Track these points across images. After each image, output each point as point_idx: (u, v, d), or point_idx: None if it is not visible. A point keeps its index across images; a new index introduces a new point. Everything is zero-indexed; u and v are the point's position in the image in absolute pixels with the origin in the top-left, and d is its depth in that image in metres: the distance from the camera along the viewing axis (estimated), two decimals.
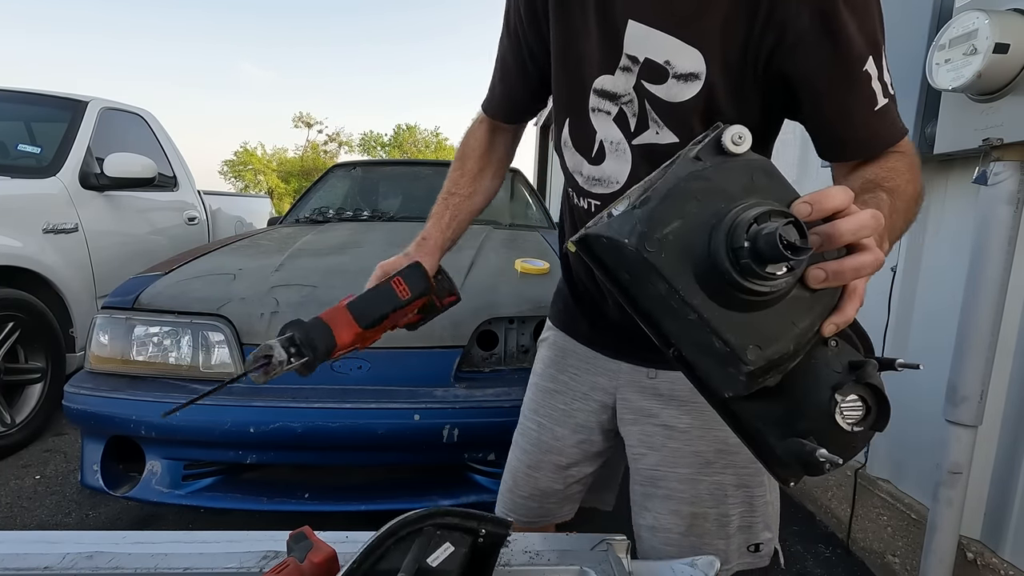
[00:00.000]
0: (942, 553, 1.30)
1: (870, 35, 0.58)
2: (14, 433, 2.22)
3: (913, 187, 0.57)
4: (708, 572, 0.59)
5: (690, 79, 0.62)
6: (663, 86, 0.64)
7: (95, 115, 2.95)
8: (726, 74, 0.61)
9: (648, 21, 0.63)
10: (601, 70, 0.68)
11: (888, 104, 0.60)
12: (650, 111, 0.66)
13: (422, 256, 0.82)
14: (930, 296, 1.54)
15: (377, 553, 0.48)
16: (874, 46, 0.58)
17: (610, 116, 0.69)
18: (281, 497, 1.45)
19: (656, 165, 0.59)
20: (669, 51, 0.62)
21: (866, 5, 0.57)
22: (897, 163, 0.59)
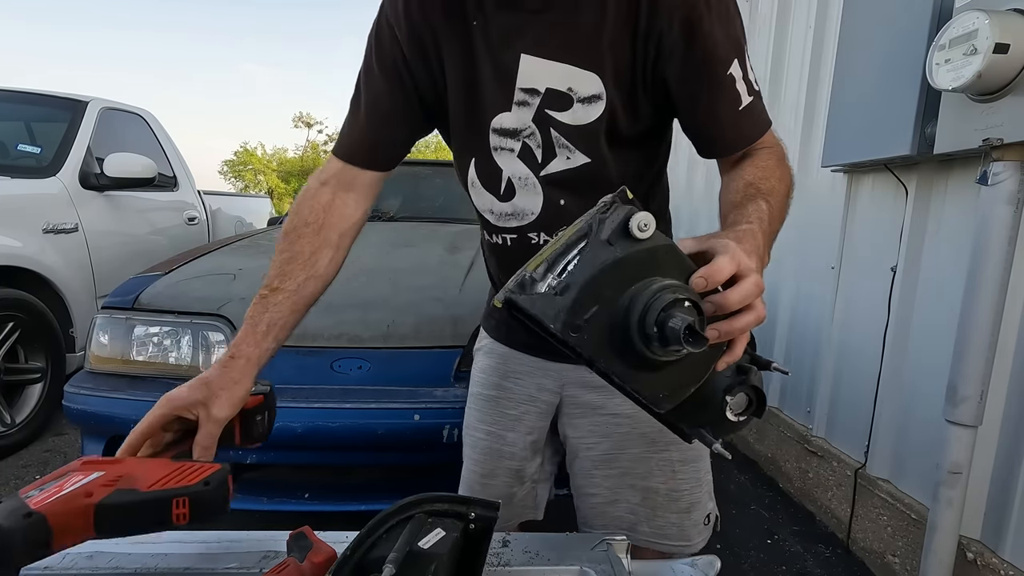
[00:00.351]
0: (942, 553, 1.30)
1: (733, 39, 0.63)
2: (14, 433, 2.22)
3: (784, 184, 0.65)
4: (708, 572, 0.59)
5: (593, 101, 0.66)
6: (569, 112, 0.67)
7: (95, 115, 2.95)
8: (621, 91, 0.66)
9: (542, 53, 0.65)
10: (498, 108, 0.68)
11: (753, 102, 0.65)
12: (557, 138, 0.68)
13: (227, 387, 0.62)
14: (930, 296, 1.54)
15: (368, 542, 0.48)
16: (737, 49, 0.63)
17: (514, 153, 0.70)
18: (281, 497, 1.45)
19: (569, 190, 0.71)
20: (569, 78, 0.65)
21: (727, 11, 0.62)
22: (768, 161, 0.66)
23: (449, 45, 0.69)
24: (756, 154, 0.67)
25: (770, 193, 0.61)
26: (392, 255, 2.00)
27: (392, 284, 1.69)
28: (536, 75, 0.66)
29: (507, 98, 0.68)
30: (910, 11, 1.43)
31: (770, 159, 0.66)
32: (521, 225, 0.75)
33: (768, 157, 0.66)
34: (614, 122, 0.67)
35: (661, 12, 0.61)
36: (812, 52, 2.09)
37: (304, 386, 1.43)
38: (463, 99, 0.71)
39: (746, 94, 0.65)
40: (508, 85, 0.67)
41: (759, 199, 0.60)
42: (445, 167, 4.39)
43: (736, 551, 1.77)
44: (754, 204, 0.59)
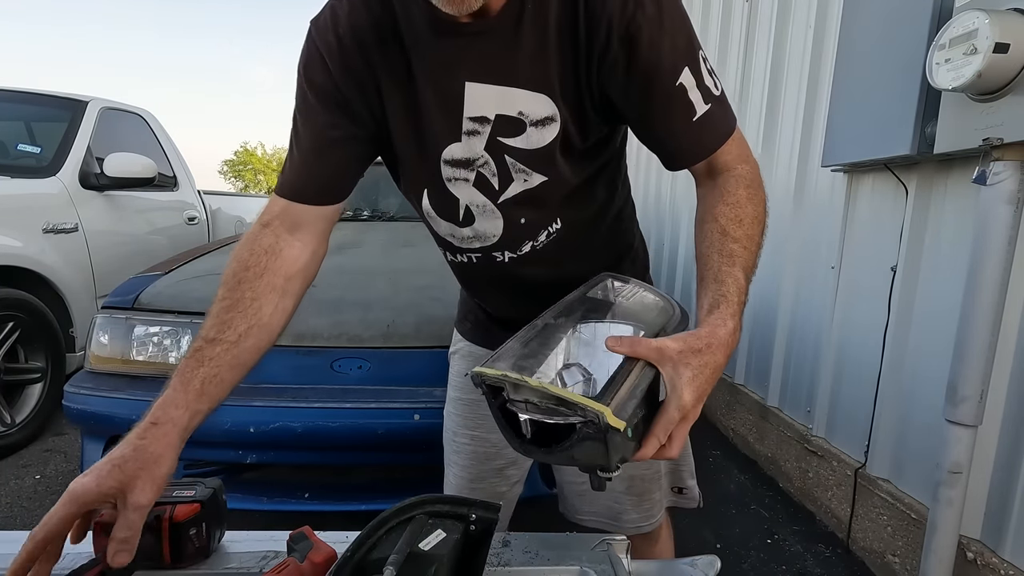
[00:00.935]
0: (942, 553, 1.30)
1: (681, 48, 0.60)
2: (14, 433, 2.23)
3: (757, 218, 0.62)
4: (708, 572, 0.59)
5: (547, 123, 0.64)
6: (522, 136, 0.65)
7: (95, 115, 2.95)
8: (572, 110, 0.64)
9: (489, 80, 0.62)
10: (447, 139, 0.66)
11: (709, 110, 0.63)
12: (513, 163, 0.67)
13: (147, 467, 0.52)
14: (930, 296, 1.54)
15: (369, 543, 0.48)
16: (687, 56, 0.61)
17: (469, 182, 0.68)
18: (281, 497, 1.45)
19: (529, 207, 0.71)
20: (519, 103, 0.63)
21: (672, 20, 0.60)
22: (738, 192, 0.63)
23: (387, 75, 0.65)
24: (725, 181, 0.64)
25: (742, 240, 0.60)
26: (392, 255, 2.00)
27: (392, 284, 1.69)
28: (484, 102, 0.63)
29: (455, 128, 0.65)
30: (910, 11, 1.43)
31: (739, 188, 0.63)
32: (484, 246, 0.74)
33: (737, 186, 0.63)
34: (568, 140, 0.66)
35: (600, 30, 0.59)
36: (812, 52, 2.09)
37: (304, 386, 1.43)
38: (409, 131, 0.67)
39: (701, 103, 0.62)
40: (455, 115, 0.64)
41: (734, 260, 0.58)
42: None
43: (736, 551, 1.77)
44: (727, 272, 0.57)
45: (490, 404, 0.52)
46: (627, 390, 0.47)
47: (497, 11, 0.60)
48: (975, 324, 1.22)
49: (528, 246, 0.74)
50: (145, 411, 0.56)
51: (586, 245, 0.78)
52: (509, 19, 0.60)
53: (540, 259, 0.75)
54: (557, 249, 0.75)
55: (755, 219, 0.62)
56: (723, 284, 0.56)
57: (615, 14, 0.58)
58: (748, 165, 0.66)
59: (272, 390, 1.42)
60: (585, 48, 0.61)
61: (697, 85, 0.61)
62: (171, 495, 0.57)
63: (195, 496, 0.57)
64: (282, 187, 0.70)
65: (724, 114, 0.65)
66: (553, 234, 0.74)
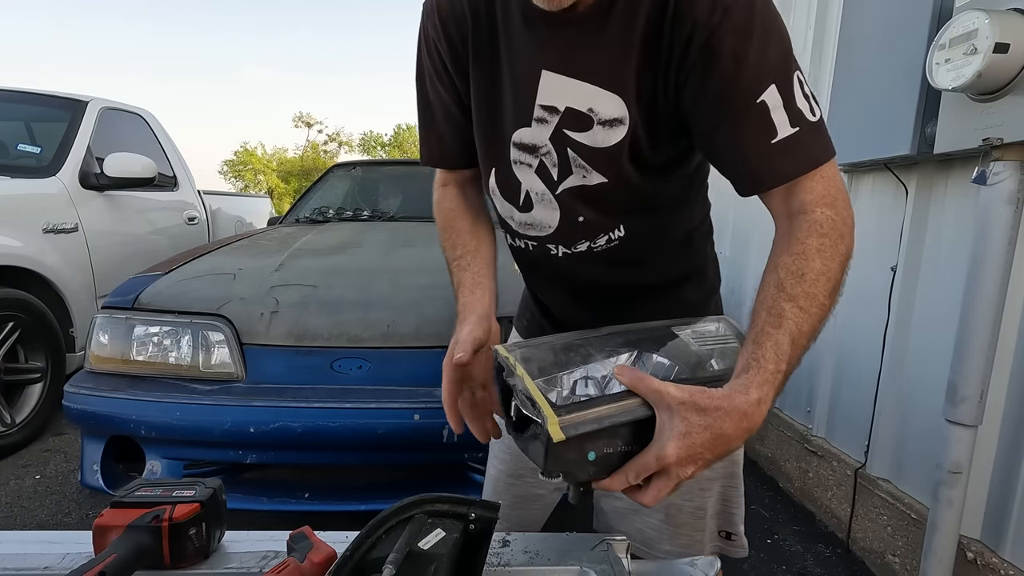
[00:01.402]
0: (942, 553, 1.30)
1: (770, 63, 0.55)
2: (14, 433, 2.23)
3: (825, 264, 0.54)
4: (708, 572, 0.59)
5: (615, 124, 0.63)
6: (588, 133, 0.64)
7: (95, 115, 2.95)
8: (644, 116, 0.62)
9: (564, 71, 0.62)
10: (518, 123, 0.67)
11: (796, 135, 0.56)
12: (574, 158, 0.66)
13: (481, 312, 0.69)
14: (930, 296, 1.54)
15: (368, 543, 0.48)
16: (777, 73, 0.55)
17: (532, 168, 0.69)
18: (281, 497, 1.45)
19: (591, 208, 0.69)
20: (590, 99, 0.62)
21: (764, 31, 0.55)
22: (808, 239, 0.55)
23: (475, 53, 0.68)
24: (798, 226, 0.57)
25: (799, 298, 0.52)
26: (392, 255, 2.00)
27: (392, 284, 1.69)
28: (556, 93, 0.63)
29: (527, 113, 0.66)
30: (910, 11, 1.43)
31: (809, 236, 0.55)
32: (540, 236, 0.75)
33: (808, 234, 0.55)
34: (636, 146, 0.63)
35: (683, 33, 0.56)
36: (812, 52, 2.10)
37: (304, 386, 1.43)
38: (485, 110, 0.70)
39: (786, 125, 0.55)
40: (528, 100, 0.65)
41: (781, 321, 0.52)
42: None
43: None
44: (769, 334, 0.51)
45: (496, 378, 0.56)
46: (595, 415, 0.48)
47: (588, 4, 0.59)
48: (975, 324, 1.22)
49: (584, 245, 0.73)
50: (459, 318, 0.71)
51: (648, 258, 0.76)
52: (598, 13, 0.59)
53: (597, 260, 0.74)
54: (616, 255, 0.73)
55: (822, 275, 0.53)
56: (760, 347, 0.51)
57: (700, 17, 0.55)
58: (833, 211, 0.57)
59: (272, 390, 1.42)
60: (667, 51, 0.58)
61: (784, 105, 0.55)
62: (171, 495, 0.57)
63: (195, 496, 0.57)
64: (430, 160, 0.80)
65: (814, 143, 0.57)
66: (615, 241, 0.72)
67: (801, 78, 0.57)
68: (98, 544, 0.53)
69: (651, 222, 0.73)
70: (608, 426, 0.48)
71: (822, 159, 0.57)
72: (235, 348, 1.49)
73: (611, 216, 0.71)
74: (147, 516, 0.53)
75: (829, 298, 0.54)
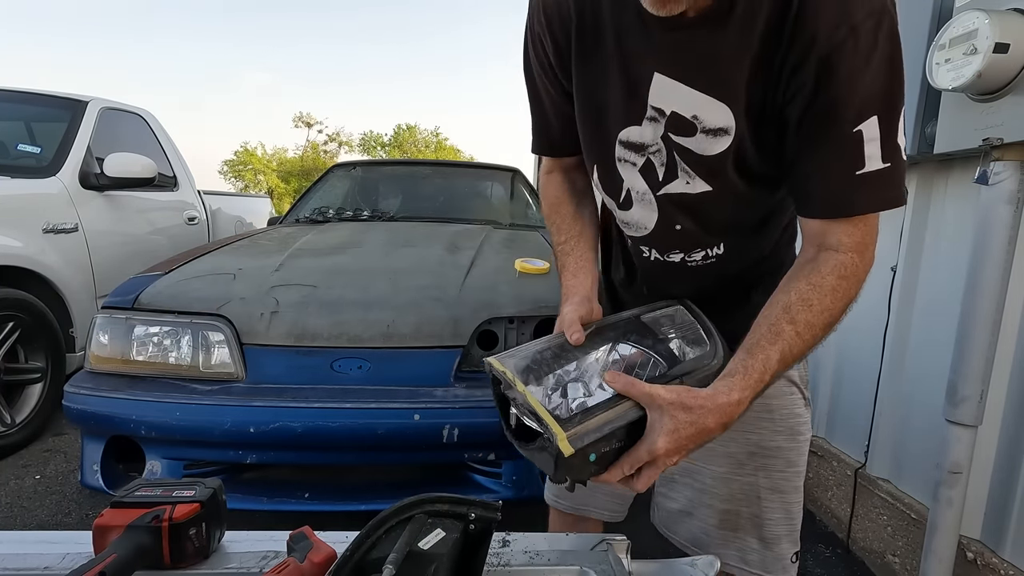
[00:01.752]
0: (942, 553, 1.30)
1: (878, 94, 0.54)
2: (14, 433, 2.22)
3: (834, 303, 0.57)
4: (708, 572, 0.59)
5: (720, 134, 0.62)
6: (692, 139, 0.63)
7: (95, 115, 2.95)
8: (753, 126, 0.61)
9: (675, 75, 0.62)
10: (627, 121, 0.67)
11: (885, 171, 0.55)
12: (679, 162, 0.66)
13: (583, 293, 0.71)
14: (930, 296, 1.54)
15: (368, 543, 0.48)
16: (885, 108, 0.54)
17: (636, 167, 0.69)
18: (281, 497, 1.45)
19: (685, 214, 0.70)
20: (697, 106, 0.61)
21: (883, 61, 0.53)
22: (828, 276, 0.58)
23: (580, 51, 0.68)
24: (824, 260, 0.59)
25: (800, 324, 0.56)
26: (392, 255, 2.00)
27: (392, 284, 1.69)
28: (664, 95, 0.63)
29: (637, 113, 0.66)
30: (910, 11, 1.43)
31: (831, 275, 0.58)
32: (635, 236, 0.76)
33: (831, 271, 0.58)
34: (742, 157, 0.63)
35: (801, 41, 0.54)
36: None
37: (304, 386, 1.43)
38: (591, 107, 0.70)
39: (878, 160, 0.55)
40: (640, 99, 0.65)
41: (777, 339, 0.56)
42: (445, 167, 4.40)
43: None
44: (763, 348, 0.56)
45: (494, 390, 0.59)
46: (597, 423, 0.52)
47: (704, 8, 0.57)
48: (975, 324, 1.22)
49: (678, 256, 0.74)
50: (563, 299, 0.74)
51: (741, 273, 0.76)
52: (715, 18, 0.57)
53: (688, 273, 0.75)
54: (710, 272, 0.74)
55: (826, 311, 0.57)
56: (752, 357, 0.56)
57: (824, 29, 0.53)
58: (860, 258, 0.59)
59: (272, 390, 1.42)
60: (781, 58, 0.56)
61: (881, 140, 0.55)
62: (171, 495, 0.57)
63: (195, 496, 0.58)
64: (541, 148, 0.83)
65: (893, 185, 0.57)
66: (712, 258, 0.73)
67: (903, 117, 0.56)
68: (98, 544, 0.53)
69: (754, 242, 0.73)
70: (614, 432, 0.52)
71: (882, 205, 0.58)
72: (235, 348, 1.49)
73: (712, 232, 0.71)
74: (147, 516, 0.53)
75: (824, 332, 0.58)
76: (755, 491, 0.78)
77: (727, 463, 0.79)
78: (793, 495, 0.79)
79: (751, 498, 0.78)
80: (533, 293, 1.65)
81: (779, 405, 0.77)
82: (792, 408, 0.78)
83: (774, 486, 0.78)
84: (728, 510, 0.79)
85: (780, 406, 0.77)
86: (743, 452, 0.78)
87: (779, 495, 0.78)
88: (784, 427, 0.77)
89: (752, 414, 0.72)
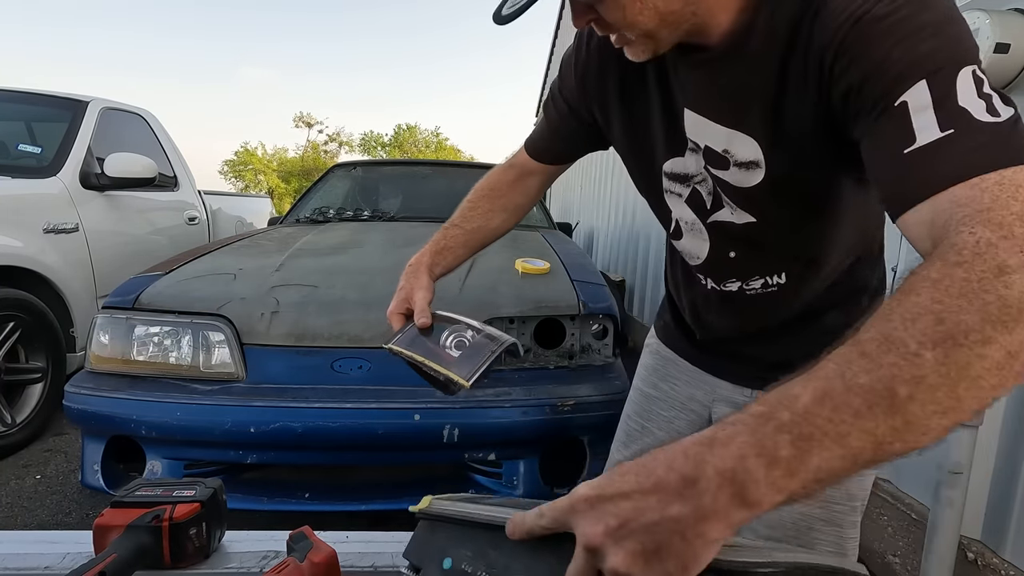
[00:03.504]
0: (942, 553, 1.30)
1: (921, 57, 0.44)
2: (14, 433, 2.22)
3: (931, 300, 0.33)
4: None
5: (751, 167, 0.60)
6: (727, 172, 0.63)
7: (95, 115, 2.95)
8: (785, 153, 0.58)
9: (701, 111, 0.62)
10: (670, 153, 0.68)
11: (946, 139, 0.41)
12: (720, 194, 0.65)
13: (416, 285, 0.80)
14: None
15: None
16: (934, 68, 0.43)
17: (682, 198, 0.70)
18: (281, 497, 1.45)
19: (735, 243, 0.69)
20: (725, 141, 0.61)
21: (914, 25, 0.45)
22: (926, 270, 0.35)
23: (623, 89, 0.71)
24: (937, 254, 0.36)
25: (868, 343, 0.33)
26: (392, 255, 2.00)
27: (392, 284, 1.67)
28: (697, 130, 0.63)
29: (678, 145, 0.66)
30: None
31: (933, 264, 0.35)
32: (689, 265, 0.76)
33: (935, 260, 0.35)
34: (778, 189, 0.60)
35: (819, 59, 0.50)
36: None
37: (304, 386, 1.43)
38: (635, 142, 0.73)
39: (933, 127, 0.41)
40: (679, 133, 0.65)
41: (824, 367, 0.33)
42: (445, 167, 4.40)
43: None
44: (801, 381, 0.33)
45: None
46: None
47: (718, 44, 0.56)
48: None
49: (735, 285, 0.72)
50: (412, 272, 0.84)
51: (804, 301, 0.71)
52: (734, 52, 0.56)
53: (746, 302, 0.72)
54: (772, 301, 0.71)
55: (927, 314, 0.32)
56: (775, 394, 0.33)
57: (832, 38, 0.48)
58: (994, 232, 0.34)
59: (272, 390, 1.42)
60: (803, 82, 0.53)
61: (935, 105, 0.42)
62: (171, 495, 0.57)
63: (195, 496, 0.57)
64: (529, 145, 0.87)
65: (979, 147, 0.40)
66: (772, 287, 0.70)
67: (974, 71, 0.43)
68: (98, 544, 0.53)
69: (821, 271, 0.69)
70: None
71: (988, 166, 0.39)
72: (235, 348, 1.49)
73: (767, 261, 0.69)
74: (147, 516, 0.53)
75: (934, 349, 0.31)
76: (807, 521, 0.72)
77: None
78: (850, 531, 0.72)
79: (801, 528, 0.72)
80: (533, 293, 1.65)
81: None
82: None
83: (830, 518, 0.71)
84: (772, 537, 0.71)
85: None
86: None
87: (834, 528, 0.71)
88: None
89: None
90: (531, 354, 1.58)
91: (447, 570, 0.41)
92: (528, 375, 1.53)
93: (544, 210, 3.26)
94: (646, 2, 0.52)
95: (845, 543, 0.73)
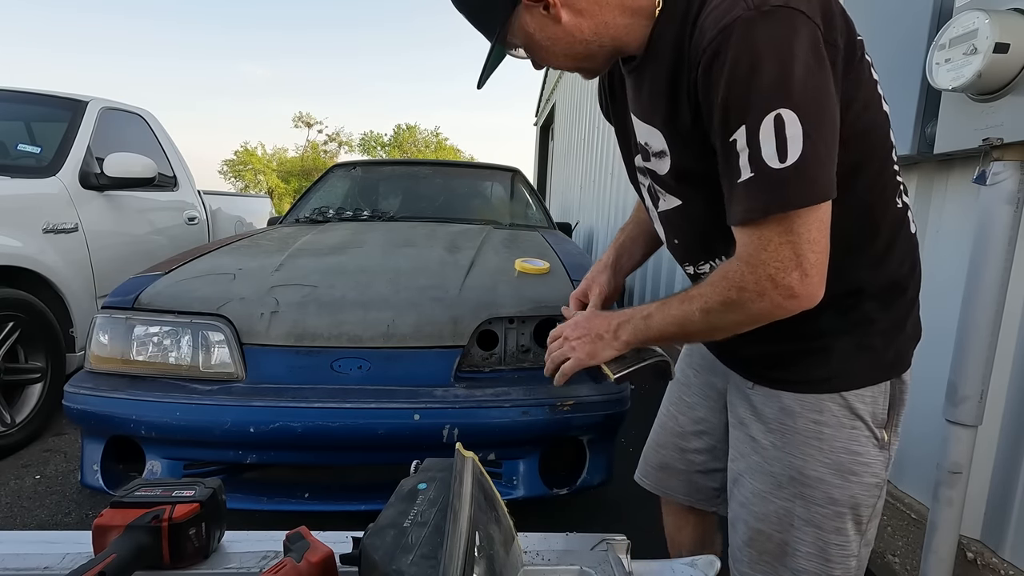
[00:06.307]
0: (942, 553, 1.30)
1: (746, 103, 0.55)
2: (14, 433, 2.22)
3: (707, 289, 0.65)
4: (708, 572, 0.59)
5: (662, 156, 0.72)
6: (651, 162, 0.75)
7: (95, 115, 2.95)
8: (678, 145, 0.69)
9: (635, 112, 0.75)
10: (635, 151, 0.80)
11: (748, 180, 0.57)
12: (654, 183, 0.78)
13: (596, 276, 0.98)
14: (930, 296, 1.54)
15: None
16: (753, 115, 0.54)
17: (644, 188, 0.83)
18: (281, 497, 1.45)
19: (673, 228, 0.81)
20: (646, 134, 0.74)
21: (751, 70, 0.54)
22: (715, 273, 0.66)
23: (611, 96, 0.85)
24: (726, 262, 0.66)
25: (687, 299, 0.68)
26: (392, 255, 2.00)
27: (392, 284, 1.69)
28: (638, 130, 0.76)
29: (635, 144, 0.79)
30: (910, 11, 1.43)
31: (717, 272, 0.66)
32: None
33: (720, 269, 0.66)
34: (683, 173, 0.71)
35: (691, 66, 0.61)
36: None
37: (304, 386, 1.43)
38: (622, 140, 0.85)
39: (747, 169, 0.57)
40: (633, 135, 0.78)
41: (664, 303, 0.71)
42: (445, 167, 4.40)
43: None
44: (659, 303, 0.72)
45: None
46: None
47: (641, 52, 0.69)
48: (975, 324, 1.22)
49: (691, 269, 0.82)
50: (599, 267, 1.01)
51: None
52: (642, 62, 0.70)
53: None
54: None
55: (701, 296, 0.66)
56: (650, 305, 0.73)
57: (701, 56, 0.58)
58: (747, 268, 0.61)
59: (272, 390, 1.42)
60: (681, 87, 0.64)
61: (749, 147, 0.56)
62: (171, 495, 0.57)
63: (195, 496, 0.58)
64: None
65: (759, 194, 0.57)
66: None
67: (784, 117, 0.53)
68: (98, 544, 0.53)
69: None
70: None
71: (759, 215, 0.58)
72: (235, 348, 1.49)
73: (706, 243, 0.76)
74: (147, 516, 0.53)
75: (699, 315, 0.67)
76: (789, 518, 0.76)
77: (767, 482, 0.77)
78: (833, 536, 0.74)
79: (784, 524, 0.76)
80: (533, 293, 1.65)
81: (832, 435, 0.73)
82: (849, 444, 0.73)
83: (810, 518, 0.74)
84: (760, 531, 0.78)
85: (833, 437, 0.73)
86: (784, 475, 0.75)
87: (814, 529, 0.74)
88: (832, 460, 0.73)
89: (801, 438, 0.74)
90: (531, 354, 1.58)
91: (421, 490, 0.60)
92: (528, 375, 1.53)
93: (544, 210, 3.25)
94: (553, 53, 0.69)
95: (828, 548, 0.74)
